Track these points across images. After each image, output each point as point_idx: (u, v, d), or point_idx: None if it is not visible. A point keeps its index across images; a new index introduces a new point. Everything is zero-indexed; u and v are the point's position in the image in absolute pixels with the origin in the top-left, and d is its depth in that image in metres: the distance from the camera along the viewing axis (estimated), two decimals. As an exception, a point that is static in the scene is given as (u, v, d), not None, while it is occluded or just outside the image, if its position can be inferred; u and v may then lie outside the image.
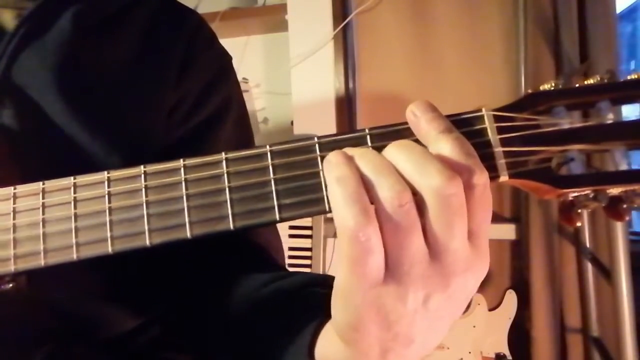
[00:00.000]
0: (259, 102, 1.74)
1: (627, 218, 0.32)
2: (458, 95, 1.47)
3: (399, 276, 0.28)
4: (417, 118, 0.31)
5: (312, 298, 0.41)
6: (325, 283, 0.44)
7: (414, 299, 0.28)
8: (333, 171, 0.29)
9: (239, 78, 0.65)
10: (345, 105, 1.53)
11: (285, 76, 1.57)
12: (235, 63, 0.63)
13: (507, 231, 1.47)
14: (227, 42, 0.61)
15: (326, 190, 0.31)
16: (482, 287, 1.45)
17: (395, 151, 0.29)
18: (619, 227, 1.06)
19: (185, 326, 0.53)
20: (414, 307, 0.29)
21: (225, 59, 0.61)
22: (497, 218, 1.51)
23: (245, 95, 1.84)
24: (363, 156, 0.29)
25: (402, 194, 0.27)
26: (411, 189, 0.28)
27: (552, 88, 0.32)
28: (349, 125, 1.55)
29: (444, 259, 0.28)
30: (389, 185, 0.28)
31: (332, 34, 1.49)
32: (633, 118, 0.31)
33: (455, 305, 0.30)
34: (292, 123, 1.55)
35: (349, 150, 0.30)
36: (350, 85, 1.54)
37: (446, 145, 0.29)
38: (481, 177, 0.28)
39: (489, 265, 0.30)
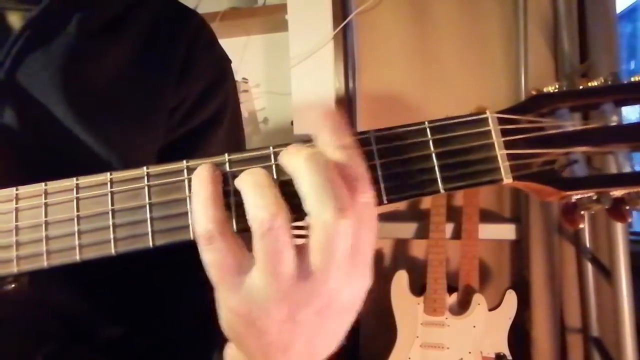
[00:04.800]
0: (259, 102, 1.74)
1: (629, 219, 0.32)
2: (458, 95, 1.47)
3: (262, 288, 0.29)
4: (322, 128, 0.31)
5: None
6: None
7: (277, 311, 0.29)
8: (195, 182, 0.31)
9: (239, 78, 0.65)
10: (345, 105, 1.53)
11: (285, 76, 1.57)
12: (235, 63, 0.63)
13: (507, 231, 1.47)
14: (227, 42, 0.61)
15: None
16: (482, 287, 1.45)
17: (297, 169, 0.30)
18: (619, 228, 1.06)
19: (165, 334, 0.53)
20: (279, 319, 0.29)
21: (224, 62, 0.61)
22: (497, 218, 1.51)
23: (246, 95, 1.83)
24: (247, 173, 0.31)
25: (276, 217, 0.28)
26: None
27: (556, 90, 0.32)
28: (349, 125, 1.54)
29: (312, 282, 0.29)
30: (264, 204, 0.28)
31: (332, 34, 1.49)
32: (635, 120, 0.31)
33: (334, 316, 0.31)
34: (292, 123, 1.55)
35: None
36: (350, 85, 1.54)
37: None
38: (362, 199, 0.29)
39: (369, 279, 0.31)
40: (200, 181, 0.31)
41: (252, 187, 0.29)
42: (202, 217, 0.29)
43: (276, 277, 0.28)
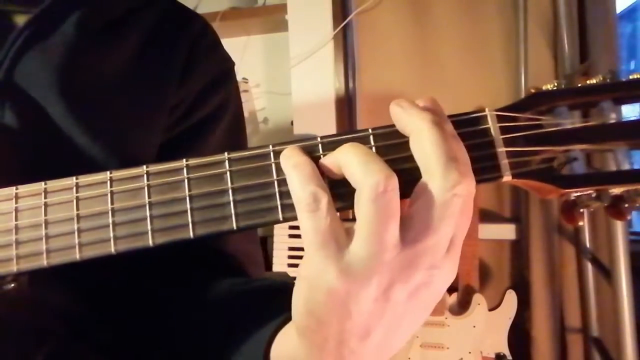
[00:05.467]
0: (259, 102, 1.74)
1: (628, 217, 0.32)
2: (458, 94, 1.47)
3: (365, 257, 0.28)
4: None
5: (274, 300, 0.41)
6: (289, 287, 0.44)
7: (377, 285, 0.28)
8: (290, 159, 0.31)
9: (239, 78, 0.65)
10: (345, 105, 1.53)
11: (285, 76, 1.57)
12: (235, 63, 0.63)
13: (507, 231, 1.47)
14: (227, 42, 0.61)
15: (331, 190, 0.31)
16: (482, 287, 1.45)
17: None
18: (619, 227, 1.06)
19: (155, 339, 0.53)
20: (374, 296, 0.29)
21: (227, 64, 0.61)
22: (497, 218, 1.52)
23: (246, 95, 1.83)
24: (349, 145, 0.30)
25: (390, 179, 0.28)
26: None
27: (555, 88, 0.32)
28: (349, 125, 1.55)
29: (416, 248, 0.28)
30: (378, 168, 0.28)
31: (332, 34, 1.49)
32: (634, 117, 0.31)
33: (418, 306, 0.30)
34: (292, 123, 1.55)
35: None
36: (350, 85, 1.54)
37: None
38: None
39: (456, 271, 0.31)
40: (298, 156, 0.31)
41: (360, 155, 0.29)
42: (305, 184, 0.29)
43: (381, 245, 0.28)
